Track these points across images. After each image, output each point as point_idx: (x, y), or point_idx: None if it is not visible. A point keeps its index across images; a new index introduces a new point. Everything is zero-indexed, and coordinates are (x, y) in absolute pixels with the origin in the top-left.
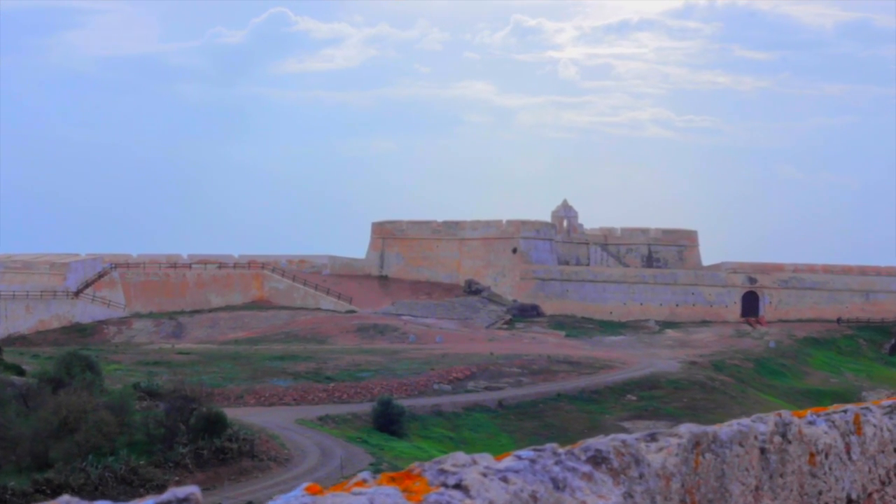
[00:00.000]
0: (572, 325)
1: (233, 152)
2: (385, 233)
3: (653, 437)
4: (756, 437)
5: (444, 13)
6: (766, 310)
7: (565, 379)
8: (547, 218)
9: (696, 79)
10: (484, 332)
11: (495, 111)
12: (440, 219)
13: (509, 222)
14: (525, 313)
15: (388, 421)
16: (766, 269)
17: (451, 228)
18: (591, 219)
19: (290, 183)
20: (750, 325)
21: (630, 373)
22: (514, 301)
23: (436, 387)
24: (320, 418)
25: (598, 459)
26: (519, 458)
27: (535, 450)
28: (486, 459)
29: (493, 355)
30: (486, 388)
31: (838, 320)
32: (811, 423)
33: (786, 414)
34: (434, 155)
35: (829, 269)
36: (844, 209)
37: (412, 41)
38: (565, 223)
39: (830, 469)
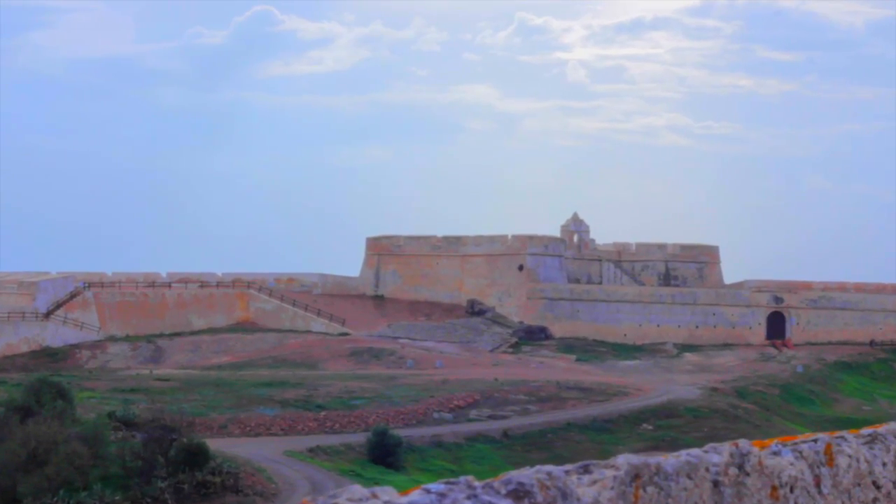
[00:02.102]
0: (583, 349)
1: (215, 162)
2: (380, 249)
3: (586, 470)
4: (708, 469)
5: (442, 11)
6: (794, 331)
7: (575, 407)
8: (556, 232)
9: (716, 82)
10: (488, 357)
11: (498, 117)
12: (440, 234)
13: (515, 237)
14: (532, 336)
15: (384, 452)
16: (792, 287)
17: (452, 244)
18: (604, 233)
19: (277, 195)
20: (776, 348)
21: (646, 400)
22: (521, 323)
23: (436, 415)
24: (310, 450)
25: (519, 493)
26: (427, 491)
27: (447, 482)
28: (387, 493)
29: (497, 381)
30: (491, 417)
31: (871, 343)
32: (776, 453)
33: (743, 443)
34: (432, 164)
35: (861, 288)
36: (877, 222)
37: (408, 41)
38: (576, 238)
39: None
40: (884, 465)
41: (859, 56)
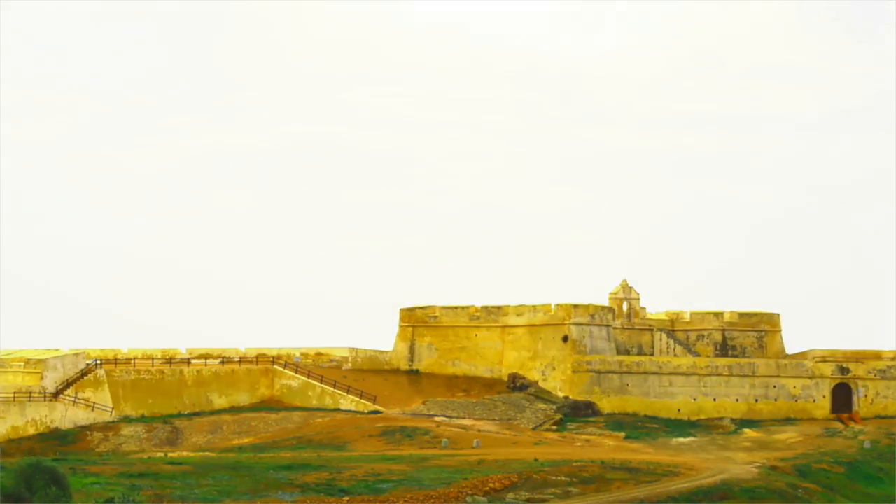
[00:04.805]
0: (633, 425)
1: None
2: (415, 320)
3: None
4: None
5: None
6: (861, 404)
7: (621, 488)
8: (603, 300)
9: None
10: (530, 435)
11: None
12: (479, 303)
13: (559, 306)
14: (578, 412)
15: None
16: (860, 357)
17: (492, 314)
18: (655, 300)
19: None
20: (842, 422)
21: (698, 480)
22: (566, 398)
23: (469, 499)
24: None
25: None
26: None
27: None
28: None
29: (537, 462)
30: (529, 500)
31: None
32: None
33: None
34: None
35: None
36: None
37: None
38: (625, 306)
39: None
40: None
41: None
